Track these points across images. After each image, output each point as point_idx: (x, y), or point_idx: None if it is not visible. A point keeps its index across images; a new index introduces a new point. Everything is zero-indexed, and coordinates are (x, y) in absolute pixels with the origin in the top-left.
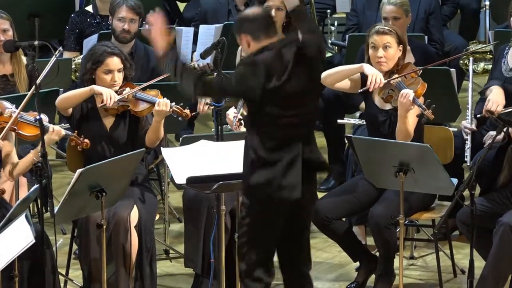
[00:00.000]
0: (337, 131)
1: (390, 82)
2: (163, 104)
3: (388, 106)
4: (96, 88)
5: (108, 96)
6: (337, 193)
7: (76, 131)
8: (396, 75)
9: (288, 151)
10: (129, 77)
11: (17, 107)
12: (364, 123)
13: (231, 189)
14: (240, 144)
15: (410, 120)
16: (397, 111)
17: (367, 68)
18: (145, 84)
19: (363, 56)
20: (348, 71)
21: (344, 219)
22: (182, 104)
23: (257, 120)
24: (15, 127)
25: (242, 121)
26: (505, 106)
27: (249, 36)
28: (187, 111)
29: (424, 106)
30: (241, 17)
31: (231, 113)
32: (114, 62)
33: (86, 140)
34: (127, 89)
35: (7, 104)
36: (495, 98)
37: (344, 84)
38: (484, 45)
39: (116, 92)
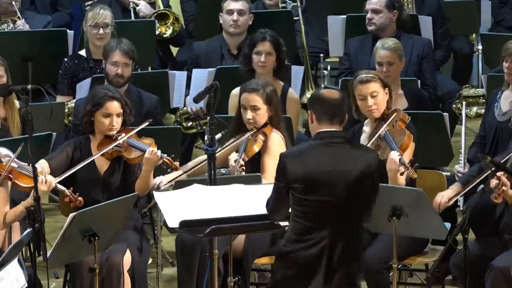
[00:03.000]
0: None
1: (377, 132)
2: (153, 153)
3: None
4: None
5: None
6: None
7: (71, 188)
8: (383, 124)
9: None
10: (128, 123)
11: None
12: None
13: (224, 233)
14: (233, 188)
15: (400, 177)
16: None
17: None
18: (137, 129)
19: None
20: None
21: None
22: (173, 155)
23: None
24: (11, 176)
25: (244, 167)
26: (499, 153)
27: (314, 115)
28: (176, 163)
29: (407, 165)
30: (317, 96)
31: (233, 157)
32: (114, 106)
33: (80, 198)
34: (123, 134)
35: (5, 151)
36: (444, 192)
37: None
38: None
39: (113, 136)
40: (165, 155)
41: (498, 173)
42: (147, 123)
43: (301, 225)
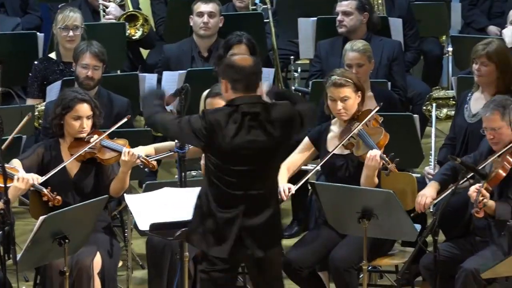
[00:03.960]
0: (300, 177)
1: (351, 131)
2: (130, 154)
3: (346, 152)
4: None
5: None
6: (305, 242)
7: (49, 187)
8: (358, 123)
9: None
10: (97, 125)
11: None
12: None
13: None
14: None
15: (376, 175)
16: (354, 156)
17: None
18: (111, 130)
19: None
20: None
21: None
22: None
23: None
24: None
25: None
26: (470, 152)
27: (228, 84)
28: (154, 162)
29: (388, 160)
30: (229, 63)
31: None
32: (84, 109)
33: (59, 197)
34: (95, 136)
35: None
36: (424, 192)
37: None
38: (447, 91)
39: (84, 139)
40: (141, 154)
41: (477, 186)
42: (125, 119)
43: (219, 189)
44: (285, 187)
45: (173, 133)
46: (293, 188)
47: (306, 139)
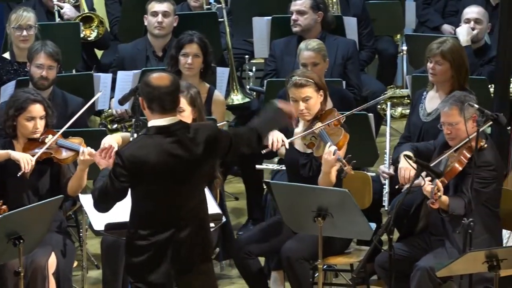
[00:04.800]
0: (255, 176)
1: (313, 129)
2: (87, 153)
3: (309, 150)
4: (12, 154)
5: (25, 162)
6: (261, 230)
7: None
8: (319, 123)
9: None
10: (50, 125)
11: None
12: (283, 167)
13: None
14: None
15: (333, 172)
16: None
17: None
18: (65, 127)
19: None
20: None
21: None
22: None
23: None
24: None
25: None
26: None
27: (145, 102)
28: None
29: (344, 162)
30: (144, 80)
31: None
32: (37, 109)
33: (4, 207)
34: (50, 136)
35: None
36: (406, 165)
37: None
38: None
39: (38, 139)
40: (112, 143)
41: (429, 179)
42: (78, 115)
43: (149, 214)
44: (278, 137)
45: (107, 191)
46: (287, 142)
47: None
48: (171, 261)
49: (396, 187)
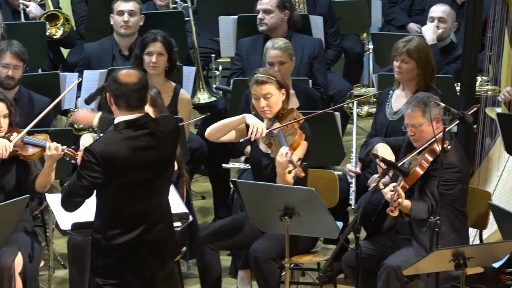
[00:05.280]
0: (222, 175)
1: (271, 130)
2: (54, 148)
3: (269, 150)
4: None
5: (3, 148)
6: (226, 224)
7: None
8: (278, 124)
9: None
10: (13, 123)
11: None
12: (249, 167)
13: None
14: None
15: (288, 175)
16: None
17: (248, 118)
18: (32, 124)
19: (248, 100)
20: (231, 123)
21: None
22: (73, 146)
23: None
24: None
25: None
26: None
27: (112, 98)
28: (79, 153)
29: (295, 163)
30: (112, 76)
31: None
32: (0, 108)
33: None
34: (14, 134)
35: None
36: (380, 152)
37: (230, 136)
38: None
39: (3, 137)
40: (65, 146)
41: (392, 185)
42: (45, 111)
43: (119, 213)
44: (259, 127)
45: (79, 189)
46: (265, 131)
47: (243, 126)
48: (144, 259)
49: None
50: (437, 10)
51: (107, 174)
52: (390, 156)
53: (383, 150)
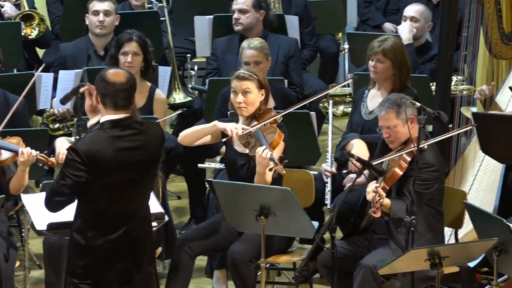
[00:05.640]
0: (197, 175)
1: (249, 129)
2: (27, 154)
3: (246, 150)
4: None
5: None
6: (203, 228)
7: None
8: (256, 123)
9: None
10: None
11: None
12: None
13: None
14: None
15: (267, 173)
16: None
17: (219, 124)
18: (1, 125)
19: (224, 100)
20: (203, 131)
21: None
22: (46, 151)
23: None
24: None
25: None
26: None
27: (99, 96)
28: (52, 159)
29: (276, 161)
30: (100, 75)
31: None
32: None
33: None
34: None
35: None
36: (359, 153)
37: (204, 140)
38: (341, 84)
39: None
40: (38, 152)
41: (374, 186)
42: (13, 111)
43: (102, 213)
44: (237, 126)
45: (62, 188)
46: (240, 131)
47: (217, 126)
48: (124, 260)
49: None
50: (410, 10)
51: (91, 173)
52: (365, 151)
53: (358, 146)
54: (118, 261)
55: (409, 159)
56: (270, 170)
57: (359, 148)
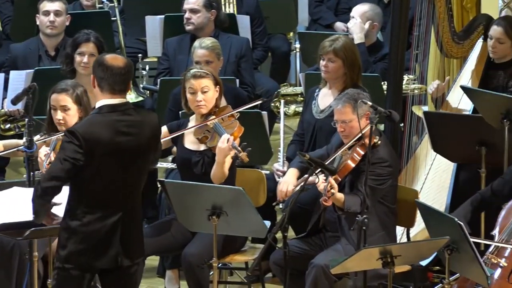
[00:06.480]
0: (149, 175)
1: (207, 124)
2: None
3: (202, 147)
4: None
5: None
6: (155, 228)
7: None
8: (213, 117)
9: None
10: None
11: None
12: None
13: (43, 235)
14: None
15: (226, 164)
16: (211, 152)
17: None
18: None
19: (176, 99)
20: None
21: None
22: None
23: None
24: None
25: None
26: (319, 147)
27: (96, 81)
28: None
29: (239, 149)
30: (98, 59)
31: (43, 152)
32: None
33: None
34: None
35: None
36: (286, 179)
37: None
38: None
39: None
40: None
41: (323, 176)
42: None
43: (97, 196)
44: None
45: (60, 172)
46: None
47: (165, 130)
48: (118, 245)
49: (274, 204)
50: (355, 9)
51: (88, 156)
52: (293, 180)
53: (288, 174)
54: (112, 247)
55: (362, 152)
56: (235, 158)
57: (288, 175)
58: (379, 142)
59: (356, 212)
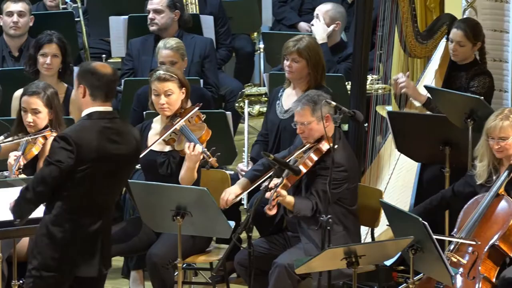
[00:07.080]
0: None
1: (173, 126)
2: None
3: (167, 148)
4: None
5: None
6: (120, 228)
7: None
8: (180, 119)
9: None
10: None
11: None
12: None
13: (7, 236)
14: (14, 191)
15: (196, 168)
16: (177, 153)
17: None
18: None
19: (140, 99)
20: None
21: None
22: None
23: None
24: None
25: (21, 170)
26: (283, 148)
27: (87, 90)
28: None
29: (209, 154)
30: (88, 68)
31: (12, 156)
32: None
33: None
34: None
35: None
36: (230, 188)
37: None
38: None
39: None
40: None
41: (272, 184)
42: None
43: (81, 202)
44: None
45: (48, 178)
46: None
47: None
48: (100, 254)
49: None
50: (319, 9)
51: (77, 160)
52: (236, 190)
53: (236, 184)
54: (96, 256)
55: (315, 157)
56: (204, 164)
57: (233, 186)
58: (336, 146)
59: (306, 216)
